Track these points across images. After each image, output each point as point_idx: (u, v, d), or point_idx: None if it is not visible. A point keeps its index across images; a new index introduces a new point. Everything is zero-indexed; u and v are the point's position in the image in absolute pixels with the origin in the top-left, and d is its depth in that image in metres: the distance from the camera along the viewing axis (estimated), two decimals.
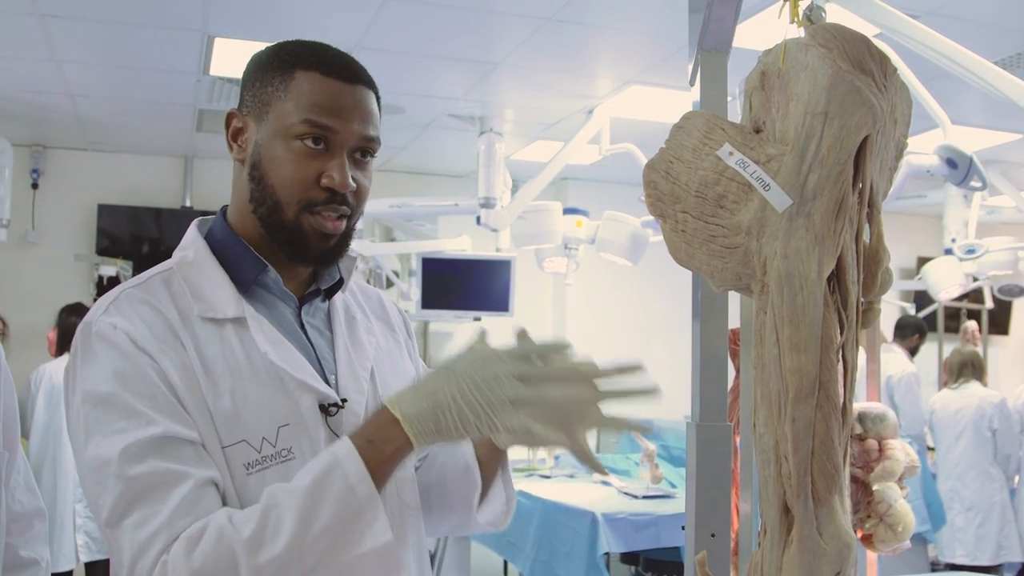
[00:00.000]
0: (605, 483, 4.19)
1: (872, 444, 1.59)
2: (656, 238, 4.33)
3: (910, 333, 5.53)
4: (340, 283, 1.24)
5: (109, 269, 5.59)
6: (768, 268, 0.95)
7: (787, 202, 0.94)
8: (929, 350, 6.42)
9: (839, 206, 0.94)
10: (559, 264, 4.63)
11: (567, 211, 4.43)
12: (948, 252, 4.96)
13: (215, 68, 4.28)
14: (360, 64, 1.17)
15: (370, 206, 4.52)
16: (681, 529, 3.58)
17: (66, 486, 4.15)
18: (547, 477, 4.44)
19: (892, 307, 6.35)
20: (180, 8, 3.57)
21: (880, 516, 1.56)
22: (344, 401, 1.15)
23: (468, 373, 0.97)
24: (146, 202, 6.05)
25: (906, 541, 1.58)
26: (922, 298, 6.48)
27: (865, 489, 1.58)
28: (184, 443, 1.02)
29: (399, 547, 1.16)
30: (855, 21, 1.47)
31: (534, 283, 6.26)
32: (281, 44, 1.18)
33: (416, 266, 5.25)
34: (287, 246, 1.14)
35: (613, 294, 6.56)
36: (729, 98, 1.19)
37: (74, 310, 4.34)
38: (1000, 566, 5.03)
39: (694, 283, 1.17)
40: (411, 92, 4.64)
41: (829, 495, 0.91)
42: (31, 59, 4.19)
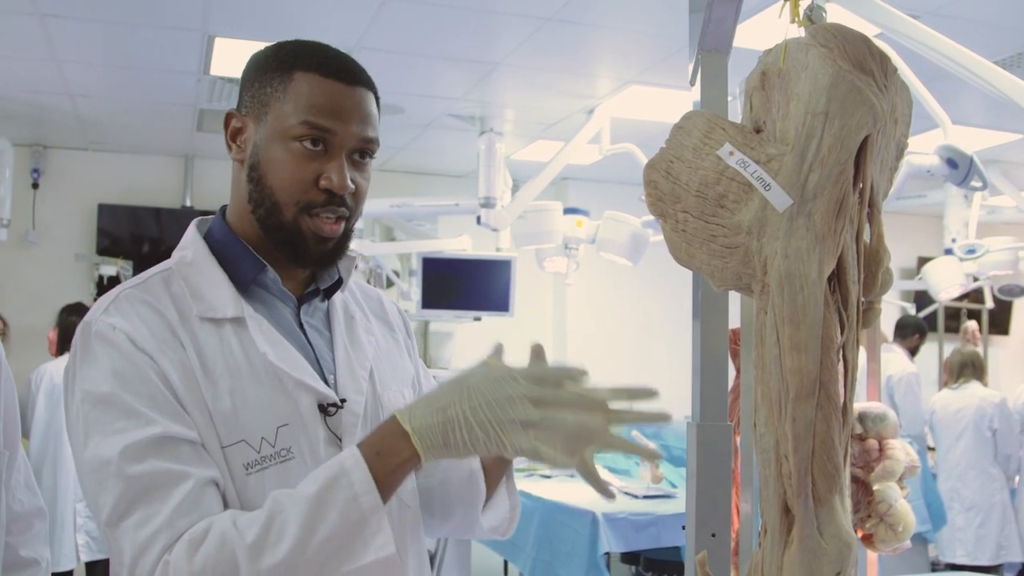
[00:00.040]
0: (605, 483, 4.17)
1: (872, 444, 1.59)
2: (656, 238, 4.33)
3: (910, 333, 5.53)
4: (339, 283, 1.24)
5: (109, 269, 5.60)
6: (769, 268, 0.95)
7: (787, 202, 0.94)
8: (929, 350, 6.42)
9: (840, 206, 0.94)
10: (559, 264, 4.62)
11: (567, 211, 4.43)
12: (948, 252, 4.96)
13: (215, 68, 4.28)
14: (359, 65, 1.17)
15: (370, 206, 4.52)
16: (682, 529, 3.58)
17: (67, 485, 4.15)
18: (548, 477, 4.43)
19: (892, 307, 6.35)
20: (180, 8, 3.57)
21: (880, 516, 1.56)
22: (343, 401, 1.15)
23: (481, 391, 0.97)
24: (146, 202, 6.05)
25: (906, 541, 1.58)
26: (922, 298, 6.48)
27: (865, 489, 1.58)
28: (184, 443, 1.02)
29: (397, 546, 1.16)
30: (856, 21, 1.46)
31: (534, 283, 6.26)
32: (280, 44, 1.17)
33: (416, 266, 5.24)
34: (285, 248, 1.14)
35: (613, 294, 6.57)
36: (729, 98, 1.19)
37: (74, 310, 4.34)
38: (1000, 566, 5.03)
39: (694, 283, 1.17)
40: (411, 92, 4.64)
41: (829, 495, 0.91)
42: (31, 59, 4.19)
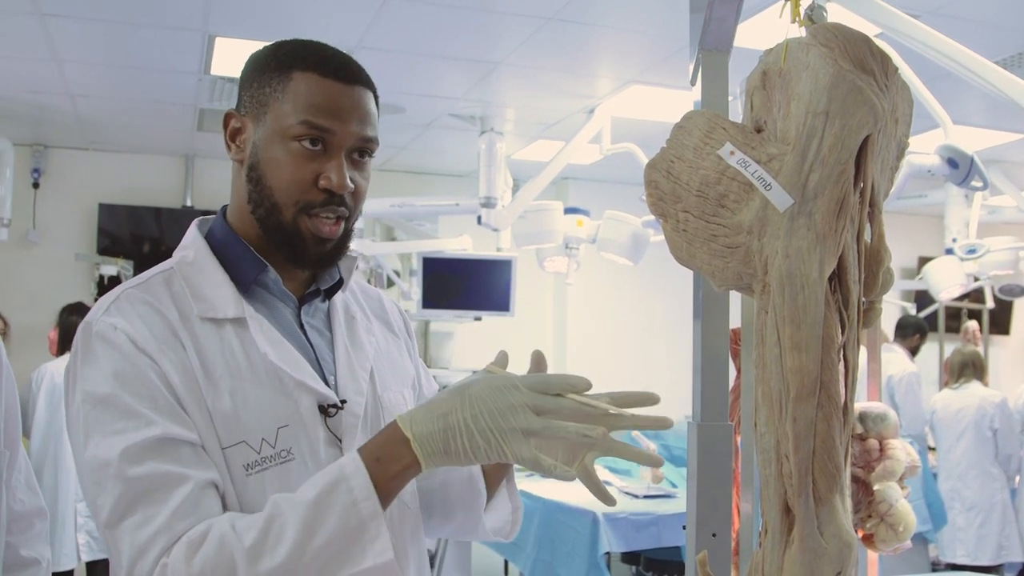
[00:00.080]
0: (606, 483, 4.17)
1: (873, 444, 1.59)
2: (657, 238, 4.33)
3: (911, 333, 5.53)
4: (340, 283, 1.24)
5: (110, 268, 5.60)
6: (769, 267, 0.95)
7: (788, 201, 0.94)
8: (930, 350, 6.42)
9: (840, 206, 0.94)
10: (560, 264, 4.62)
11: (568, 211, 4.43)
12: (949, 252, 4.96)
13: (216, 68, 4.28)
14: (358, 64, 1.16)
15: (371, 205, 4.52)
16: (682, 529, 3.58)
17: (67, 485, 4.15)
18: (548, 476, 4.43)
19: (893, 307, 6.36)
20: (181, 8, 3.57)
21: (881, 516, 1.56)
22: (343, 402, 1.15)
23: (483, 399, 0.97)
24: (147, 201, 6.06)
25: (907, 541, 1.58)
26: (923, 298, 6.48)
27: (866, 489, 1.58)
28: (184, 444, 1.02)
29: (396, 545, 1.16)
30: (856, 21, 1.46)
31: (535, 283, 6.26)
32: (279, 44, 1.17)
33: (417, 265, 5.24)
34: (284, 248, 1.14)
35: (614, 294, 6.57)
36: (730, 98, 1.19)
37: (75, 309, 4.34)
38: (1001, 566, 5.02)
39: (695, 283, 1.16)
40: (412, 92, 4.64)
41: (830, 495, 0.91)
42: (32, 59, 4.19)
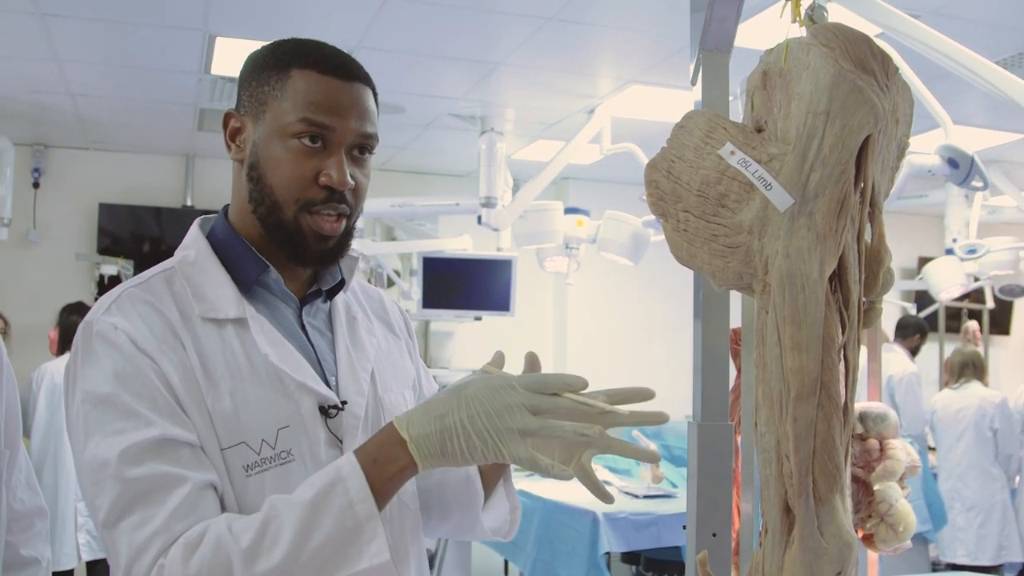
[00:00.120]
0: (606, 483, 4.16)
1: (873, 444, 1.59)
2: (657, 237, 4.33)
3: (911, 333, 5.53)
4: (342, 283, 1.24)
5: (110, 268, 5.60)
6: (770, 267, 0.95)
7: (789, 201, 0.94)
8: (930, 350, 6.42)
9: (841, 206, 0.94)
10: (560, 264, 4.63)
11: (568, 211, 4.43)
12: (949, 252, 4.96)
13: (216, 67, 4.28)
14: (356, 61, 1.16)
15: (371, 205, 4.52)
16: (682, 528, 3.58)
17: (68, 484, 4.15)
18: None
19: (893, 307, 6.36)
20: (181, 7, 3.57)
21: (881, 516, 1.56)
22: (344, 403, 1.14)
23: (479, 399, 0.97)
24: (147, 201, 6.06)
25: (907, 541, 1.58)
26: (923, 298, 6.48)
27: (866, 489, 1.58)
28: (183, 446, 1.01)
29: (396, 545, 1.16)
30: (857, 21, 1.46)
31: (535, 283, 6.26)
32: (277, 43, 1.17)
33: (417, 265, 5.24)
34: (286, 246, 1.14)
35: (614, 294, 6.57)
36: (731, 97, 1.19)
37: (75, 309, 4.34)
38: (1001, 566, 5.03)
39: (695, 282, 1.16)
40: (412, 92, 4.64)
41: (830, 494, 0.91)
42: (32, 58, 4.19)
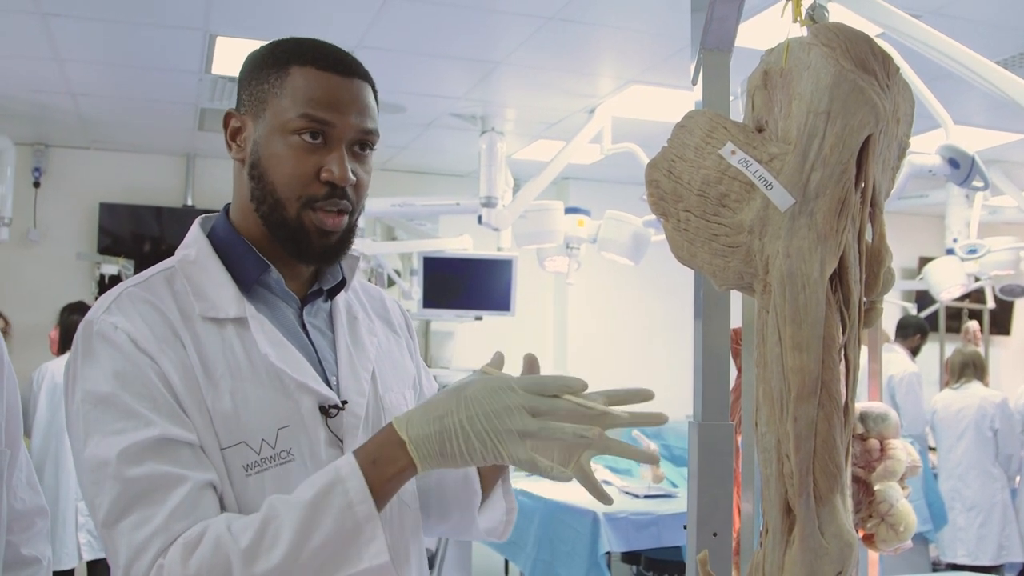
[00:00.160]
0: (606, 482, 4.19)
1: (874, 444, 1.59)
2: (658, 237, 4.33)
3: (912, 333, 5.53)
4: (343, 283, 1.24)
5: (111, 268, 5.60)
6: (770, 267, 0.95)
7: (789, 201, 0.94)
8: (931, 350, 6.42)
9: (841, 205, 0.94)
10: (560, 263, 4.63)
11: (569, 210, 4.43)
12: (950, 252, 4.96)
13: (217, 67, 4.28)
14: (355, 58, 1.17)
15: (371, 205, 4.52)
16: (683, 528, 3.58)
17: (68, 484, 4.15)
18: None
19: (894, 307, 6.36)
20: (182, 7, 3.57)
21: (882, 516, 1.56)
22: (344, 403, 1.14)
23: (479, 400, 0.96)
24: (148, 201, 6.06)
25: (907, 541, 1.58)
26: (924, 298, 6.48)
27: (867, 489, 1.58)
28: (182, 445, 1.01)
29: (396, 545, 1.16)
30: (858, 21, 1.47)
31: (535, 282, 6.26)
32: (276, 42, 1.17)
33: (417, 265, 5.24)
34: (289, 243, 1.14)
35: (615, 293, 6.57)
36: (731, 97, 1.19)
37: (76, 309, 4.34)
38: (1001, 566, 5.02)
39: (696, 282, 1.16)
40: (412, 91, 4.64)
41: (831, 494, 0.91)
42: (33, 58, 4.19)
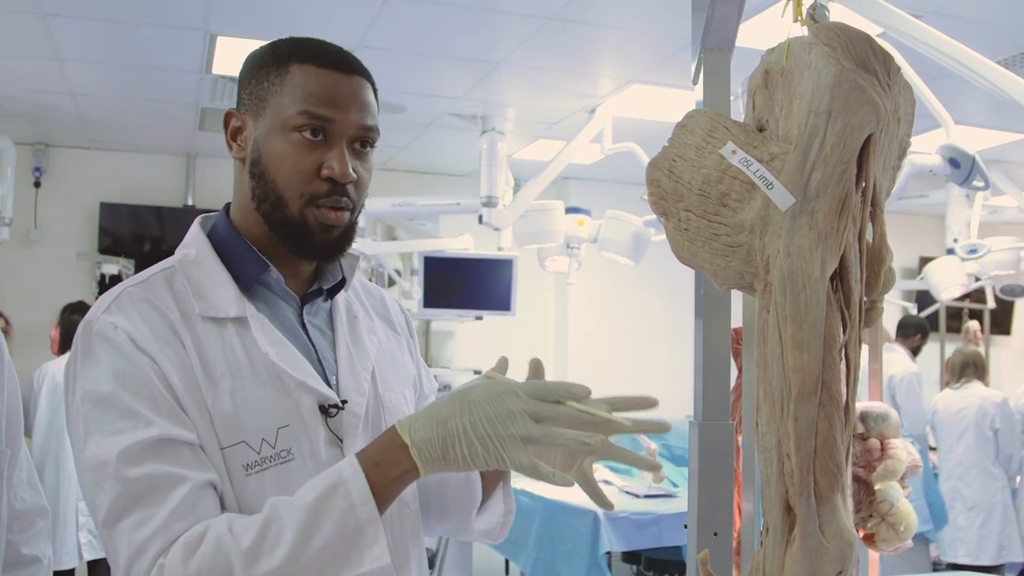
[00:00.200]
0: (607, 482, 4.19)
1: (874, 443, 1.59)
2: (658, 237, 4.33)
3: (912, 333, 5.53)
4: (343, 282, 1.24)
5: (111, 267, 5.60)
6: (771, 267, 0.95)
7: (790, 201, 0.94)
8: (931, 350, 6.42)
9: (842, 205, 0.94)
10: (561, 263, 4.63)
11: (569, 210, 4.43)
12: (950, 252, 4.96)
13: (217, 67, 4.28)
14: (355, 56, 1.17)
15: (372, 205, 4.52)
16: (683, 528, 3.58)
17: (69, 484, 4.15)
18: None
19: (894, 307, 6.35)
20: (182, 7, 3.57)
21: (882, 515, 1.56)
22: (344, 402, 1.14)
23: (482, 405, 0.96)
24: (148, 200, 6.06)
25: (908, 541, 1.58)
26: (924, 298, 6.48)
27: (867, 488, 1.58)
28: (182, 445, 1.01)
29: (397, 546, 1.16)
30: (858, 20, 1.47)
31: (536, 282, 6.26)
32: (276, 41, 1.17)
33: (418, 265, 5.24)
34: (290, 240, 1.14)
35: (615, 293, 6.57)
36: (732, 97, 1.19)
37: (76, 308, 4.34)
38: (1002, 566, 5.02)
39: (696, 282, 1.17)
40: (413, 91, 4.64)
41: (831, 494, 0.91)
42: (33, 58, 4.19)
